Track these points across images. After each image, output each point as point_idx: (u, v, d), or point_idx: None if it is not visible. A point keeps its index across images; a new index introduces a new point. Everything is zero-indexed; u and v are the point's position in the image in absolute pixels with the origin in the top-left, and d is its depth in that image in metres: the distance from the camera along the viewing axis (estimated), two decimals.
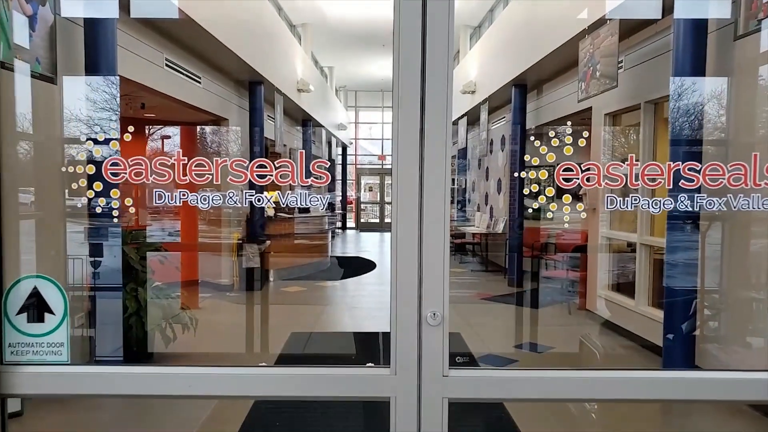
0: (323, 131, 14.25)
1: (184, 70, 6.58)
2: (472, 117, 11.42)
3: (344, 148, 18.86)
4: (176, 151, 1.93)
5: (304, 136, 12.52)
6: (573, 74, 6.31)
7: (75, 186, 1.94)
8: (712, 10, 4.28)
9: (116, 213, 1.97)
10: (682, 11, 4.38)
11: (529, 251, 8.47)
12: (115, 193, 1.95)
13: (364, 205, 19.75)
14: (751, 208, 1.97)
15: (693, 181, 1.98)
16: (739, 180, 1.95)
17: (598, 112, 6.29)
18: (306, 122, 12.18)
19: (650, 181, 2.02)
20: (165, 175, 1.95)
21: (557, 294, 7.48)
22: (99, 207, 1.96)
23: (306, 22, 12.77)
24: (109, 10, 3.89)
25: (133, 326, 4.62)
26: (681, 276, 4.57)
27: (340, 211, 18.04)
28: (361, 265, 11.10)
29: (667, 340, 4.60)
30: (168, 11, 5.37)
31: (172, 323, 4.86)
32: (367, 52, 14.40)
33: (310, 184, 2.01)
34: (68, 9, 4.15)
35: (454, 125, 9.32)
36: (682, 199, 2.02)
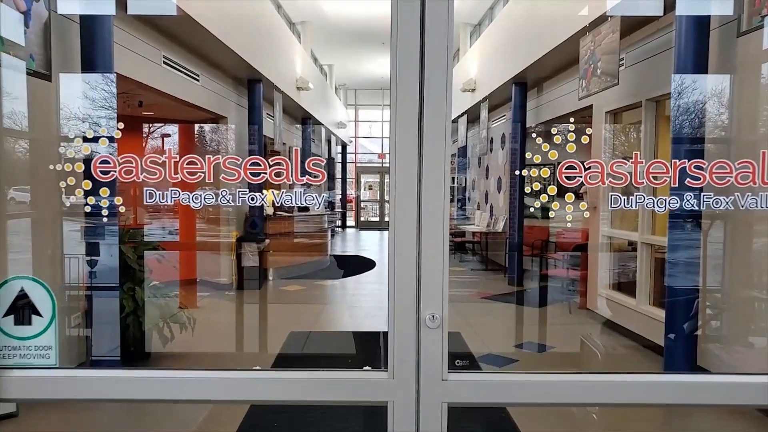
0: (323, 129, 14.21)
1: (182, 68, 6.53)
2: (472, 115, 11.39)
3: (344, 147, 18.83)
4: (167, 149, 1.88)
5: (304, 134, 12.49)
6: (574, 72, 6.28)
7: (63, 185, 1.90)
8: (715, 7, 4.25)
9: (105, 212, 1.93)
10: (683, 8, 4.34)
11: (529, 250, 8.44)
12: (105, 191, 1.91)
13: (363, 204, 19.74)
14: (760, 207, 1.93)
15: (699, 180, 1.94)
16: (747, 178, 1.92)
17: (599, 110, 6.25)
18: (305, 120, 12.14)
19: (655, 179, 1.97)
20: (156, 173, 1.90)
21: (558, 293, 7.45)
22: (89, 206, 1.92)
23: (305, 20, 12.72)
24: (106, 6, 3.85)
25: (131, 326, 4.60)
26: (683, 275, 4.54)
27: (340, 210, 18.03)
28: (361, 264, 11.05)
29: (669, 340, 4.57)
30: (166, 8, 5.32)
31: (169, 323, 4.82)
32: (366, 50, 14.36)
33: (307, 182, 1.97)
34: (65, 5, 4.12)
35: (453, 123, 9.31)
36: (688, 198, 1.98)
